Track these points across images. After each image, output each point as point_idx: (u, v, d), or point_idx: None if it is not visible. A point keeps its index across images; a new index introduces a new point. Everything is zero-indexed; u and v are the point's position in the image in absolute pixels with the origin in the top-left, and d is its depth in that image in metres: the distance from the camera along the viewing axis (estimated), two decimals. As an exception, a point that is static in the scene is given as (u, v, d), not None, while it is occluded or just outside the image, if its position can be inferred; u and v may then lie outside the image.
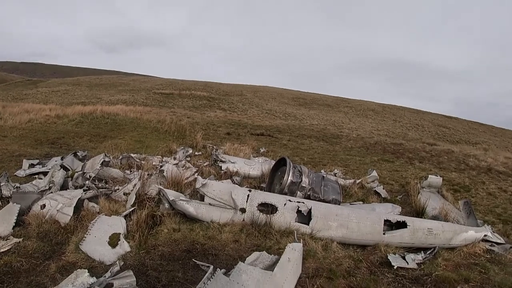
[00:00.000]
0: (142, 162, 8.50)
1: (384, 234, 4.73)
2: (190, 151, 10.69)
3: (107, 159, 8.00)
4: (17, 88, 38.73)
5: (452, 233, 4.83)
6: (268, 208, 4.92)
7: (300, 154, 12.37)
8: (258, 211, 4.75)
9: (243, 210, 4.78)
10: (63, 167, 7.37)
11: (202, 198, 5.05)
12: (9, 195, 5.59)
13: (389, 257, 4.30)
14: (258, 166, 8.32)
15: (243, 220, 4.74)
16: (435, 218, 5.60)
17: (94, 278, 3.29)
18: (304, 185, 6.16)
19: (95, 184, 6.52)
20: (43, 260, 3.95)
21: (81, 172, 6.83)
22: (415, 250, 4.68)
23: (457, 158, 12.58)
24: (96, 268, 3.82)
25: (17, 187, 6.04)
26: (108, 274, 3.55)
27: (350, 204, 6.68)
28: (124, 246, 4.23)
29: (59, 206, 5.14)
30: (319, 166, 10.16)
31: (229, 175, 7.91)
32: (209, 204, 4.87)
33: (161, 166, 7.20)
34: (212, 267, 2.53)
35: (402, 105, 47.01)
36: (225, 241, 4.43)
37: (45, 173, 7.14)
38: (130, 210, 5.07)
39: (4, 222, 4.66)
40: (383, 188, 7.96)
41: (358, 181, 8.11)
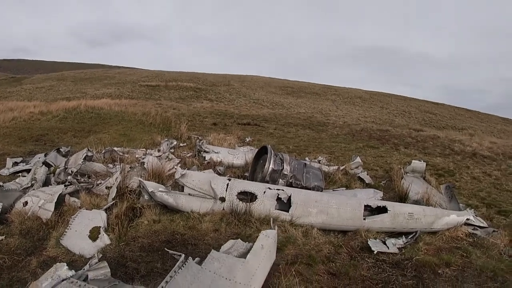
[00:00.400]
0: (126, 156, 8.43)
1: (365, 220, 4.78)
2: (175, 143, 10.63)
3: (90, 154, 7.89)
4: (1, 86, 37.62)
5: (434, 217, 4.88)
6: (249, 197, 4.94)
7: (286, 143, 12.41)
8: (238, 200, 4.76)
9: (223, 199, 4.79)
10: (47, 164, 7.29)
11: (183, 189, 5.04)
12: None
13: (369, 242, 4.33)
14: (242, 156, 8.34)
15: (223, 209, 4.76)
16: (417, 203, 5.67)
17: (73, 271, 3.28)
18: (286, 173, 6.19)
19: (77, 179, 6.48)
20: (25, 256, 3.97)
21: (63, 168, 6.74)
22: (397, 235, 4.72)
23: (443, 144, 12.76)
24: (76, 262, 3.84)
25: (0, 186, 5.97)
26: (87, 267, 3.54)
27: (333, 191, 6.75)
28: (104, 239, 4.23)
29: (41, 203, 5.12)
30: (304, 154, 10.20)
31: (213, 165, 7.90)
32: (189, 194, 4.86)
33: (143, 159, 7.14)
34: (184, 256, 2.53)
35: (389, 92, 47.39)
36: (205, 231, 4.44)
37: (29, 171, 7.04)
38: (111, 204, 5.05)
39: None
40: (367, 174, 8.04)
41: (342, 168, 8.18)
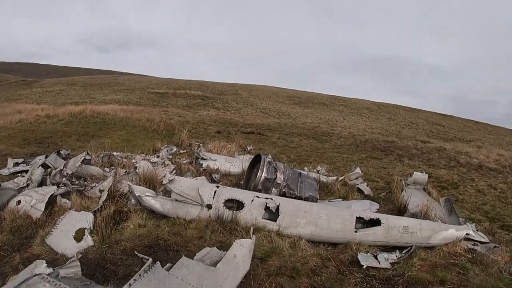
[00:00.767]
0: (124, 160, 8.44)
1: (356, 232, 4.61)
2: (175, 149, 10.61)
3: (88, 157, 7.93)
4: (12, 89, 38.58)
5: (431, 231, 4.66)
6: (237, 205, 4.84)
7: (288, 152, 12.30)
8: (224, 207, 4.67)
9: (209, 206, 4.70)
10: (46, 166, 7.34)
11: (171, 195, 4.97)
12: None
13: (359, 256, 4.15)
14: (239, 164, 8.27)
15: (209, 217, 4.67)
16: (414, 216, 5.44)
17: (51, 269, 3.27)
18: (279, 182, 6.08)
19: (72, 182, 6.49)
20: (11, 252, 4.06)
21: (59, 170, 6.77)
22: (391, 249, 4.52)
23: (448, 155, 12.46)
24: (58, 261, 3.88)
25: (-2, 185, 6.03)
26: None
27: (329, 201, 6.60)
28: (88, 240, 4.22)
29: (33, 202, 5.21)
30: (305, 164, 10.06)
31: (209, 173, 7.84)
32: (175, 200, 4.79)
33: (136, 164, 7.14)
34: (151, 260, 2.45)
35: (397, 103, 46.93)
36: (190, 238, 4.36)
37: (28, 171, 7.13)
38: (99, 206, 5.02)
39: None
40: (367, 185, 7.86)
41: (341, 178, 8.02)
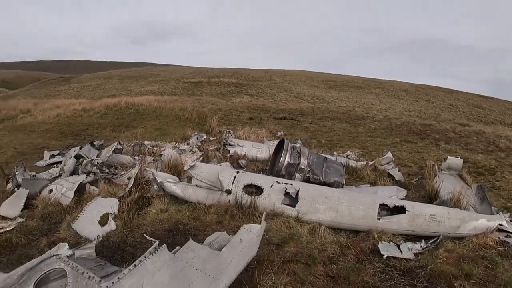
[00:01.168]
0: (154, 149, 8.71)
1: (379, 220, 4.37)
2: (205, 137, 10.76)
3: (120, 147, 8.26)
4: (50, 86, 40.87)
5: (460, 221, 4.31)
6: (257, 190, 4.80)
7: (319, 137, 12.00)
8: (243, 193, 4.64)
9: (229, 192, 4.70)
10: (80, 156, 7.75)
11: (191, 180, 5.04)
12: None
13: (380, 245, 3.94)
14: (266, 149, 8.22)
15: (229, 202, 4.67)
16: (444, 203, 5.06)
17: (71, 251, 3.46)
18: (303, 167, 5.94)
19: (102, 170, 6.80)
20: (39, 237, 4.34)
21: (90, 159, 7.12)
22: (417, 239, 4.25)
23: (487, 139, 11.45)
24: (81, 244, 4.01)
25: (33, 176, 6.49)
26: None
27: (356, 187, 6.37)
28: (111, 225, 4.40)
29: (63, 190, 5.51)
30: (336, 148, 9.76)
31: (236, 159, 7.87)
32: (196, 186, 4.85)
33: (163, 151, 7.32)
34: (157, 242, 2.48)
35: (436, 85, 43.96)
36: (209, 222, 4.40)
37: (62, 163, 7.58)
38: (125, 192, 5.22)
39: (14, 206, 5.12)
40: (399, 171, 7.47)
41: (371, 163, 7.69)
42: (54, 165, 7.60)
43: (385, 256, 3.77)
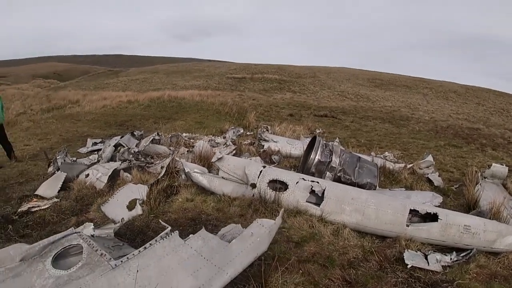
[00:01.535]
0: (191, 141, 8.97)
1: (408, 226, 4.10)
2: (241, 131, 10.88)
3: (158, 138, 8.61)
4: (100, 78, 43.02)
5: (496, 234, 3.92)
6: (282, 186, 4.74)
7: (359, 136, 11.61)
8: (268, 187, 4.61)
9: (254, 186, 4.69)
10: (119, 145, 8.20)
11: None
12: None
13: (405, 254, 3.68)
14: (300, 146, 8.12)
15: (253, 196, 4.67)
16: (481, 214, 4.62)
17: (96, 231, 3.68)
18: (334, 166, 5.76)
19: (138, 158, 7.14)
20: (70, 216, 4.65)
21: (127, 148, 7.51)
22: (450, 250, 3.93)
23: (539, 147, 10.31)
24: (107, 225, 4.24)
25: (74, 161, 6.98)
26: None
27: (390, 190, 6.05)
28: (138, 210, 4.60)
29: (99, 175, 5.86)
30: (374, 149, 9.37)
31: (269, 154, 7.86)
32: (222, 178, 4.91)
33: (195, 143, 7.51)
34: (170, 228, 2.55)
35: (487, 87, 40.12)
36: (232, 215, 4.43)
37: (103, 150, 8.03)
38: (155, 180, 5.43)
39: (51, 187, 5.53)
40: (439, 176, 6.98)
41: (409, 166, 7.27)
42: (95, 152, 8.09)
43: (410, 266, 3.51)
